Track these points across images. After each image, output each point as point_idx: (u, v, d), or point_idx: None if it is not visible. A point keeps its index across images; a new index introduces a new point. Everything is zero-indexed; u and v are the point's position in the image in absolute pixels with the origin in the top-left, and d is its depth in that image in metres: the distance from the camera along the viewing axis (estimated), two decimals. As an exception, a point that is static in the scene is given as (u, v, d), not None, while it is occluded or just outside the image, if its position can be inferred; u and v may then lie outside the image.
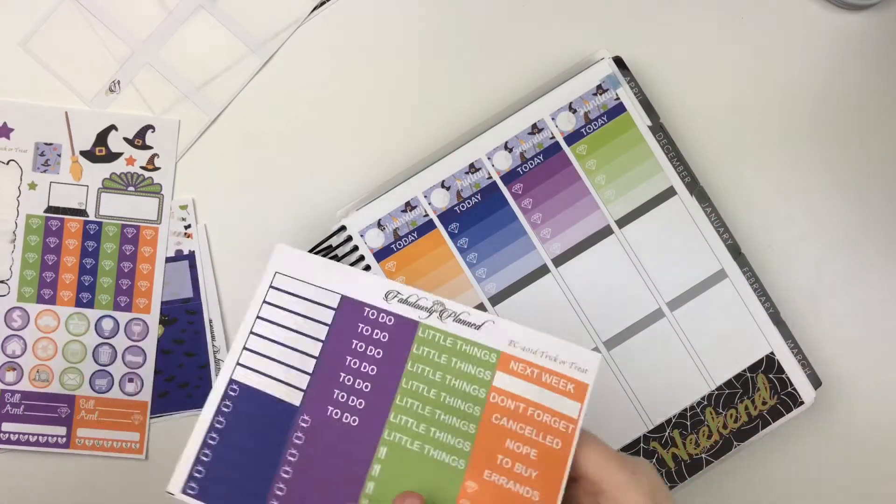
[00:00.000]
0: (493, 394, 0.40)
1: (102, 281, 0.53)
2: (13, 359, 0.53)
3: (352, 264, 0.51)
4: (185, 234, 0.54)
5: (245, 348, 0.43)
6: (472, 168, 0.51)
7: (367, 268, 0.51)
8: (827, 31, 0.55)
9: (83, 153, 0.53)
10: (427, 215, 0.51)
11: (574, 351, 0.40)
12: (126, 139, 0.53)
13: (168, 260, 0.54)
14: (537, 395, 0.40)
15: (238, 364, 0.42)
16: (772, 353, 0.52)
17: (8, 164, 0.53)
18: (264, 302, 0.43)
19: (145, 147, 0.53)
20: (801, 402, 0.52)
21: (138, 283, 0.53)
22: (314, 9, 0.54)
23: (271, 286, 0.44)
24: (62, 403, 0.54)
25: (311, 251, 0.51)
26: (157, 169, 0.53)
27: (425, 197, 0.51)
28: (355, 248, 0.51)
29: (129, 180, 0.53)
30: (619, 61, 0.52)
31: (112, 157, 0.53)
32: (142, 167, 0.53)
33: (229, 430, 0.42)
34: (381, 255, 0.51)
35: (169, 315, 0.54)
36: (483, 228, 0.51)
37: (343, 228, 0.51)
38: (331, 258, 0.51)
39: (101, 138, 0.53)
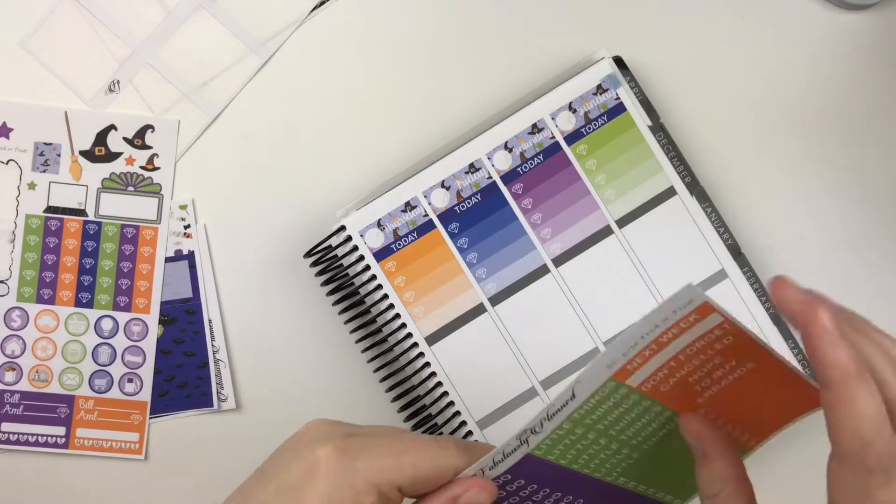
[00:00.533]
0: (641, 387, 0.33)
1: (102, 281, 0.53)
2: (12, 359, 0.53)
3: (351, 264, 0.51)
4: (185, 234, 0.54)
5: None
6: (472, 168, 0.51)
7: (367, 268, 0.51)
8: (827, 31, 0.55)
9: (83, 153, 0.53)
10: (427, 215, 0.51)
11: (666, 305, 0.30)
12: (126, 139, 0.53)
13: (168, 260, 0.54)
14: (672, 348, 0.32)
15: None
16: (772, 353, 0.52)
17: (7, 164, 0.53)
18: None
19: (145, 147, 0.53)
20: (802, 403, 0.52)
21: (138, 283, 0.53)
22: (314, 9, 0.54)
23: None
24: (61, 403, 0.53)
25: (310, 251, 0.51)
26: (156, 169, 0.53)
27: (425, 197, 0.51)
28: (355, 248, 0.51)
29: (129, 180, 0.53)
30: (619, 61, 0.52)
31: (112, 156, 0.53)
32: (141, 167, 0.53)
33: None
34: (381, 255, 0.51)
35: (168, 315, 0.54)
36: (483, 228, 0.51)
37: (343, 228, 0.51)
38: (330, 258, 0.51)
39: (101, 138, 0.53)
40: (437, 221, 0.51)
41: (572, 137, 0.52)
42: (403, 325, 0.51)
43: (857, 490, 0.29)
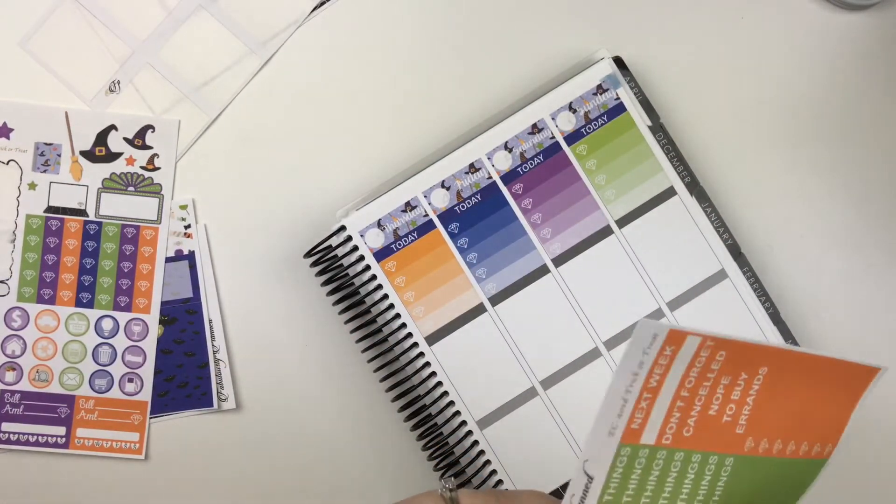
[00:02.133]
0: (661, 442, 0.30)
1: (102, 281, 0.53)
2: (13, 359, 0.53)
3: (352, 264, 0.51)
4: (185, 234, 0.54)
5: None
6: (472, 168, 0.51)
7: (367, 268, 0.51)
8: (827, 31, 0.55)
9: (83, 153, 0.53)
10: (427, 215, 0.51)
11: (632, 349, 0.28)
12: (126, 139, 0.53)
13: (168, 260, 0.54)
14: (668, 389, 0.29)
15: None
16: (772, 353, 0.52)
17: (8, 164, 0.53)
18: None
19: (145, 147, 0.53)
20: (802, 403, 0.52)
21: (138, 283, 0.53)
22: (314, 9, 0.54)
23: None
24: (62, 403, 0.54)
25: (310, 251, 0.51)
26: (157, 169, 0.53)
27: (425, 197, 0.51)
28: (355, 248, 0.51)
29: (129, 180, 0.53)
30: (619, 61, 0.52)
31: (112, 157, 0.53)
32: (142, 167, 0.53)
33: None
34: (381, 255, 0.51)
35: (169, 315, 0.54)
36: (483, 228, 0.51)
37: (343, 228, 0.51)
38: (330, 258, 0.51)
39: (101, 138, 0.53)
40: (437, 221, 0.51)
41: (572, 137, 0.52)
42: (403, 325, 0.51)
43: None
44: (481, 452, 0.51)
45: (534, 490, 0.38)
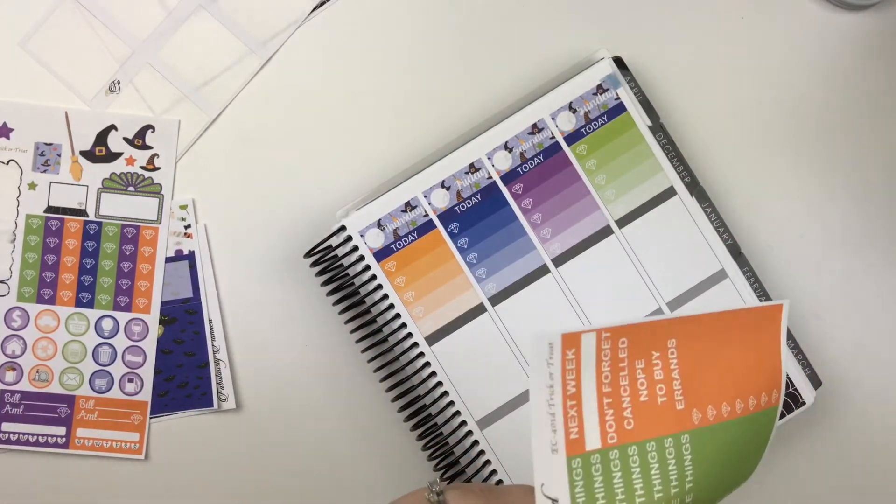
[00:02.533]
0: (608, 443, 0.31)
1: (102, 281, 0.53)
2: (13, 359, 0.53)
3: (352, 264, 0.51)
4: (185, 234, 0.54)
5: None
6: (472, 168, 0.51)
7: (367, 268, 0.51)
8: (827, 31, 0.55)
9: (83, 153, 0.53)
10: (427, 215, 0.51)
11: (536, 365, 0.29)
12: (126, 139, 0.53)
13: (168, 260, 0.54)
14: (588, 390, 0.30)
15: None
16: (772, 353, 0.52)
17: (8, 164, 0.53)
18: None
19: (145, 147, 0.53)
20: (802, 403, 0.52)
21: (138, 283, 0.53)
22: (314, 9, 0.54)
23: None
24: (62, 403, 0.54)
25: (310, 251, 0.51)
26: (157, 169, 0.53)
27: (425, 197, 0.51)
28: (355, 248, 0.51)
29: (129, 180, 0.53)
30: (619, 61, 0.52)
31: (112, 157, 0.53)
32: (142, 167, 0.53)
33: None
34: (381, 255, 0.51)
35: (169, 315, 0.54)
36: (483, 228, 0.51)
37: (343, 228, 0.51)
38: (330, 258, 0.51)
39: (101, 138, 0.53)
40: (437, 221, 0.51)
41: (572, 137, 0.52)
42: (403, 325, 0.51)
43: None
44: (481, 452, 0.51)
45: (524, 484, 0.38)
